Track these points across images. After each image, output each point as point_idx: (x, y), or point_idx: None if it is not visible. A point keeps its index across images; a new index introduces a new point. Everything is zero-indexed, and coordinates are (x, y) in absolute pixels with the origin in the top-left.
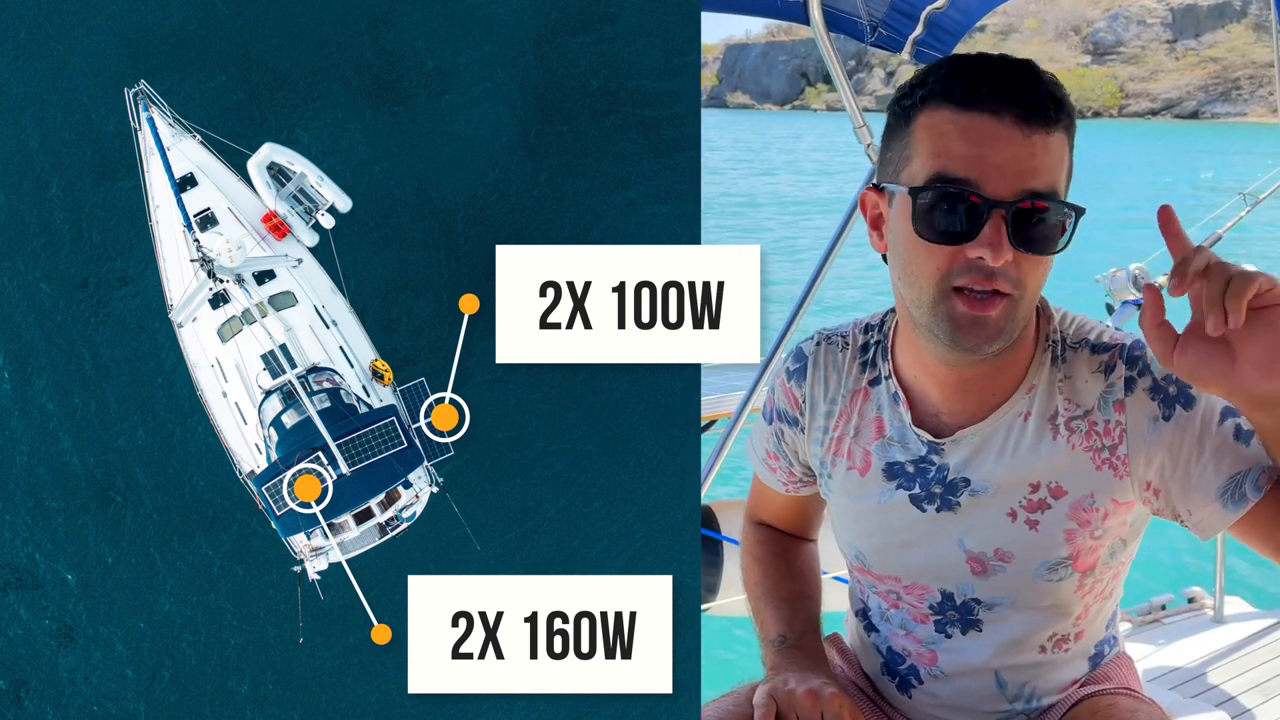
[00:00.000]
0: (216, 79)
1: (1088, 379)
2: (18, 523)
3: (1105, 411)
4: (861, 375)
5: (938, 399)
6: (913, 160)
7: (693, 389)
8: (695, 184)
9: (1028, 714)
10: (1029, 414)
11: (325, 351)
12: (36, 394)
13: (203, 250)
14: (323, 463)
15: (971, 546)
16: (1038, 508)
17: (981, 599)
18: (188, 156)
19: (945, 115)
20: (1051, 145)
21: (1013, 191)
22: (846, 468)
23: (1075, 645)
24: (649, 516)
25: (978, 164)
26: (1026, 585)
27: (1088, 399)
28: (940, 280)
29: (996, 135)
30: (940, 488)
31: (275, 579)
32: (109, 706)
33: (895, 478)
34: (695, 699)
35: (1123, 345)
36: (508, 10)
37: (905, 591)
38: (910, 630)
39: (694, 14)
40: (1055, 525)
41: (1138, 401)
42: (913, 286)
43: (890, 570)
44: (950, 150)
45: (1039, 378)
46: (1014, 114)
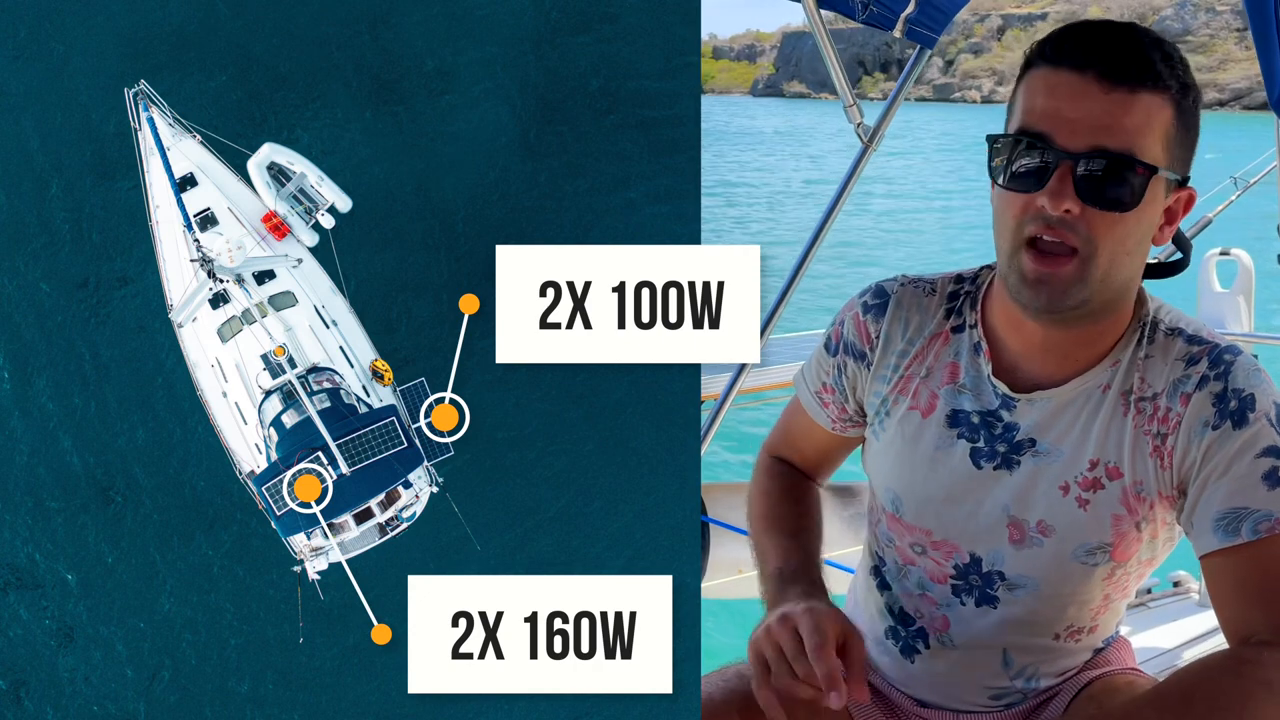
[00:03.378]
0: (216, 79)
1: (1169, 364)
2: (18, 523)
3: (1171, 399)
4: (945, 321)
5: (1019, 355)
6: (1011, 119)
7: (693, 389)
8: (695, 184)
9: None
10: (1108, 387)
11: (325, 351)
12: (36, 394)
13: (203, 250)
14: (323, 463)
15: (1016, 512)
16: (1091, 486)
17: (1008, 575)
18: (188, 156)
19: (1040, 73)
20: (1137, 105)
21: (1083, 145)
22: (909, 407)
23: (1087, 638)
24: (649, 516)
25: (1054, 117)
26: (1059, 565)
27: (1161, 383)
28: (1015, 229)
29: (1076, 90)
30: (1005, 446)
31: (275, 579)
32: (109, 706)
33: (957, 426)
34: (695, 699)
35: (1216, 345)
36: (508, 10)
37: (932, 547)
38: (926, 590)
39: (694, 14)
40: (1104, 508)
41: (1200, 400)
42: (998, 235)
43: (924, 522)
44: (1035, 105)
45: (1124, 354)
46: (1097, 71)
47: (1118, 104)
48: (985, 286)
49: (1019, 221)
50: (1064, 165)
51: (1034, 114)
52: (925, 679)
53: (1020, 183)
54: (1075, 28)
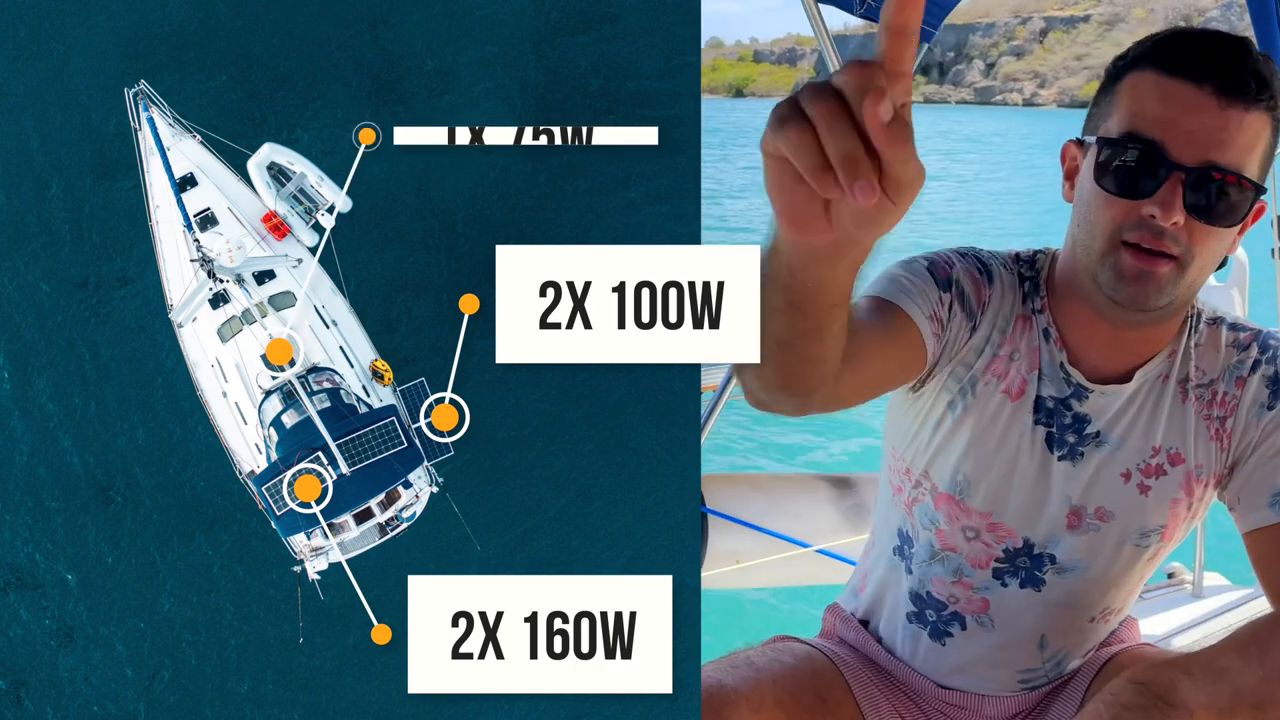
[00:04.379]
0: (216, 79)
1: (1221, 350)
2: (18, 523)
3: (1228, 384)
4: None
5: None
6: (1112, 116)
7: (693, 389)
8: (695, 184)
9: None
10: (1167, 376)
11: (325, 351)
12: (36, 394)
13: (203, 250)
14: (323, 463)
15: (1077, 500)
16: (1154, 473)
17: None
18: (188, 156)
19: (1150, 78)
20: (1247, 124)
21: (1196, 159)
22: (1000, 388)
23: (1115, 617)
24: (649, 516)
25: (1169, 127)
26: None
27: (1216, 369)
28: (1113, 231)
29: (1193, 102)
30: (1075, 437)
31: (275, 579)
32: (109, 706)
33: (1039, 412)
34: (695, 699)
35: (1259, 331)
36: (508, 10)
37: (987, 530)
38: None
39: (694, 14)
40: (1165, 494)
41: (1255, 383)
42: (1088, 233)
43: (987, 505)
44: (1146, 111)
45: (1178, 344)
46: (1214, 85)
47: (1233, 121)
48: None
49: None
50: (1175, 176)
51: (1145, 119)
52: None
53: (1125, 187)
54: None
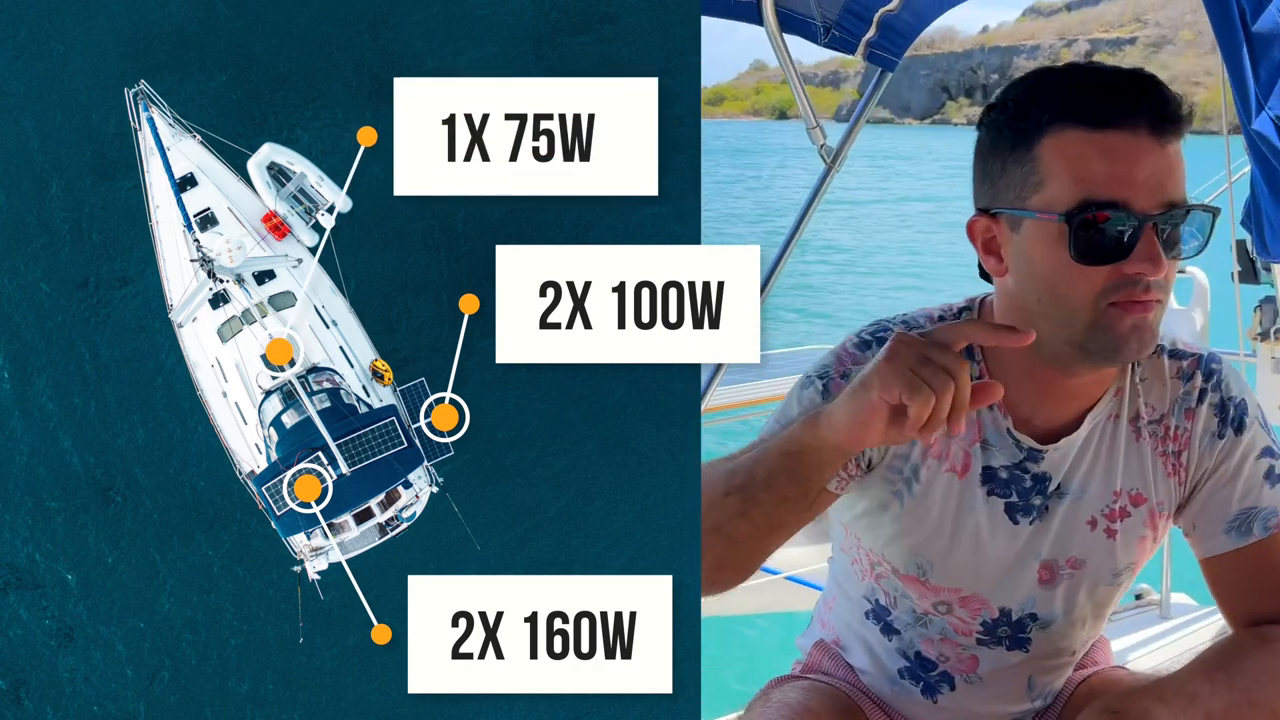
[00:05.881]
0: (216, 79)
1: (1166, 383)
2: (18, 523)
3: (1178, 417)
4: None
5: (1033, 404)
6: (1046, 185)
7: (693, 389)
8: (695, 184)
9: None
10: (1117, 415)
11: (325, 351)
12: (36, 394)
13: (203, 250)
14: (323, 463)
15: (1047, 555)
16: (1118, 516)
17: (1039, 614)
18: (188, 156)
19: (1078, 136)
20: (1179, 152)
21: (1158, 204)
22: (944, 468)
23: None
24: (649, 516)
25: (1124, 182)
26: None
27: (1164, 403)
28: (1097, 299)
29: (1136, 150)
30: (1039, 498)
31: (275, 579)
32: (109, 706)
33: (989, 483)
34: (695, 699)
35: (1201, 356)
36: (508, 10)
37: (960, 604)
38: (949, 637)
39: (694, 14)
40: (1132, 534)
41: (1204, 413)
42: (1062, 308)
43: (953, 582)
44: (1093, 173)
45: (1124, 380)
46: (1147, 126)
47: (1172, 152)
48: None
49: (1100, 291)
50: (1147, 229)
51: (1096, 182)
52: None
53: (1102, 254)
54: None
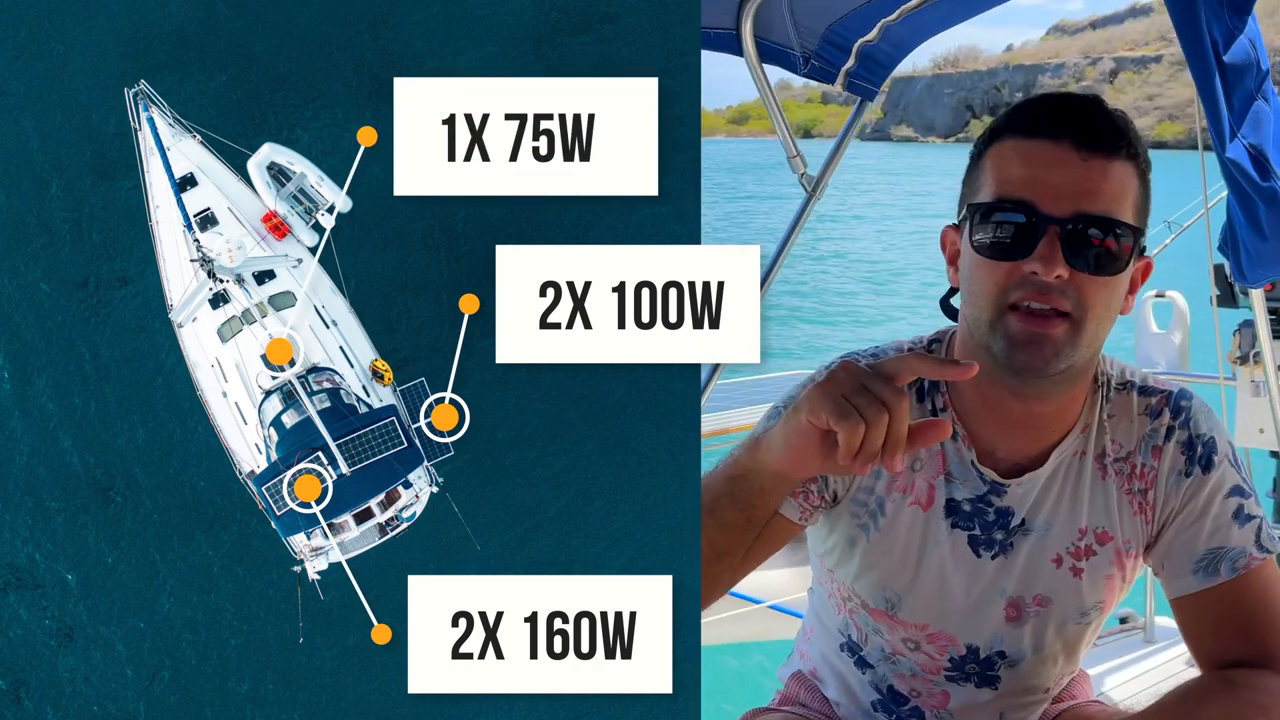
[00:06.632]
0: (216, 79)
1: (1134, 420)
2: (18, 523)
3: (1144, 455)
4: (919, 405)
5: (996, 435)
6: (980, 190)
7: (693, 389)
8: (695, 184)
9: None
10: (1083, 453)
11: (325, 351)
12: (36, 394)
13: (203, 250)
14: (323, 463)
15: (1014, 592)
16: (1084, 554)
17: (1007, 652)
18: (188, 156)
19: (1010, 144)
20: (1112, 173)
21: (1067, 210)
22: (909, 501)
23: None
24: (649, 516)
25: (1035, 185)
26: (1056, 631)
27: (1131, 441)
28: (998, 296)
29: (1054, 157)
30: (1002, 533)
31: (275, 579)
32: (109, 706)
33: (953, 515)
34: (695, 699)
35: (1170, 393)
36: (508, 10)
37: (927, 641)
38: (918, 673)
39: (694, 14)
40: (1098, 572)
41: (1172, 451)
42: (974, 306)
43: (920, 618)
44: (1012, 174)
45: (1091, 416)
46: (1072, 139)
47: (1096, 170)
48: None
49: (1002, 289)
50: (1050, 230)
51: (1011, 182)
52: None
53: (1003, 250)
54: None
